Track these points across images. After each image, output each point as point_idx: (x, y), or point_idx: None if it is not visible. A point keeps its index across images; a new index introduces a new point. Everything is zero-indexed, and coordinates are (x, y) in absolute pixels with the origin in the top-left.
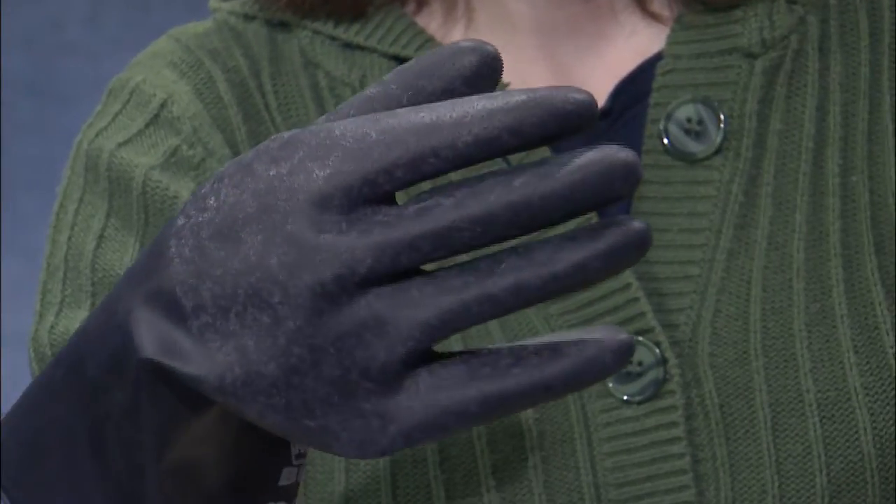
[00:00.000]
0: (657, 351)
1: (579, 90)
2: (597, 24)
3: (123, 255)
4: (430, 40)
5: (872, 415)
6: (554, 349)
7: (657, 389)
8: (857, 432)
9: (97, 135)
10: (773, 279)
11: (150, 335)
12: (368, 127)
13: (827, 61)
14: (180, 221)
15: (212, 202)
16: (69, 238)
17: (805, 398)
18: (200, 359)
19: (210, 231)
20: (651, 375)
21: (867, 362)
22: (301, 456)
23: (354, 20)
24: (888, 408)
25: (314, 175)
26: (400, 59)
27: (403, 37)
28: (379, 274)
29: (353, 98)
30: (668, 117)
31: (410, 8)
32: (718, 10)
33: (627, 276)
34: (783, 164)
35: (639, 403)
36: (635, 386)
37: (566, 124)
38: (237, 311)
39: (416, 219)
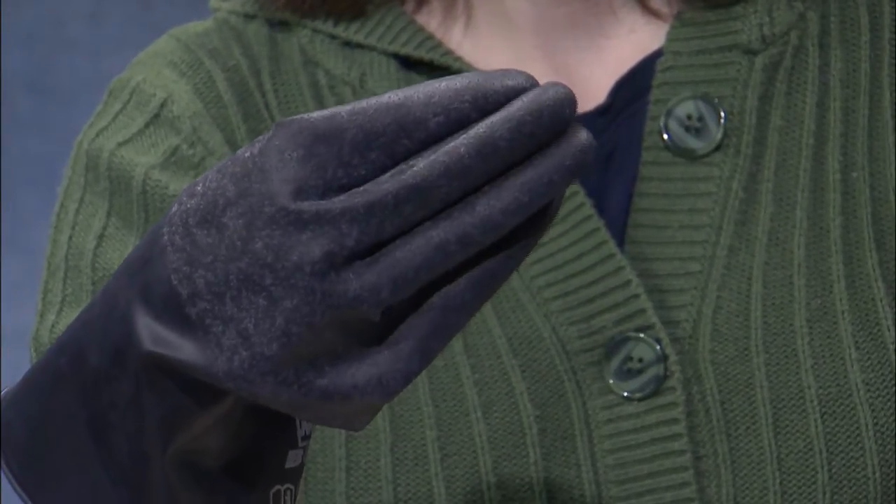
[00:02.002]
0: (658, 348)
1: (519, 72)
2: (596, 21)
3: (124, 253)
4: (429, 38)
5: (874, 411)
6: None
7: (658, 386)
8: (858, 428)
9: (98, 134)
10: (774, 275)
11: (150, 327)
12: (340, 111)
13: (827, 57)
14: (173, 209)
15: (199, 188)
16: (70, 238)
17: (806, 394)
18: (204, 346)
19: (196, 218)
20: (652, 372)
21: (868, 358)
22: (306, 438)
23: (354, 19)
24: (889, 404)
25: (286, 156)
26: (400, 57)
27: (403, 35)
28: (366, 245)
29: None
30: (669, 114)
31: (410, 6)
32: (718, 7)
33: (628, 272)
34: (783, 161)
35: (639, 400)
36: (636, 383)
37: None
38: (232, 296)
39: (392, 181)
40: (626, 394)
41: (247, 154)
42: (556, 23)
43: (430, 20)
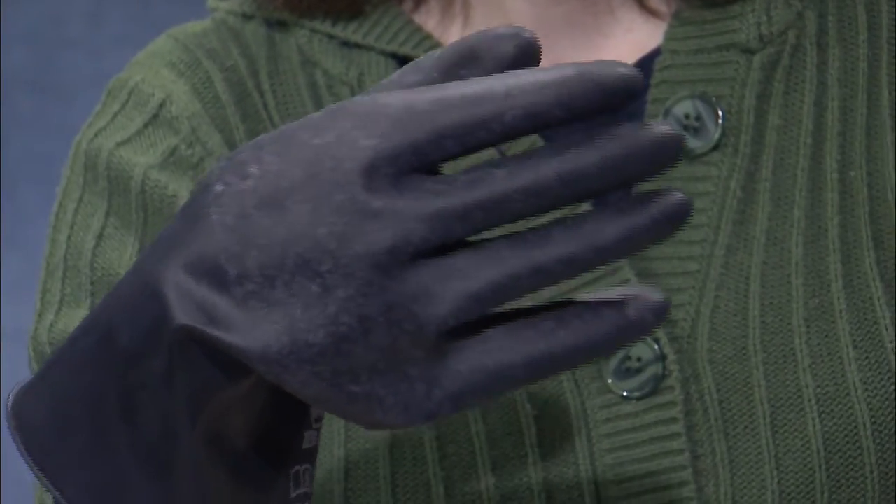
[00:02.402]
0: (656, 347)
1: (625, 65)
2: (594, 20)
3: (122, 253)
4: (427, 38)
5: (872, 410)
6: (595, 311)
7: (656, 385)
8: (856, 427)
9: (96, 134)
10: (772, 275)
11: (190, 302)
12: (416, 97)
13: (825, 56)
14: (218, 188)
15: (254, 170)
16: (69, 237)
17: (804, 394)
18: (243, 327)
19: (255, 199)
20: (650, 371)
21: (866, 357)
22: (319, 420)
23: (352, 18)
24: (887, 403)
25: (360, 144)
26: (398, 57)
27: (401, 34)
28: (432, 245)
29: (392, 80)
30: (667, 113)
31: (408, 6)
32: (716, 6)
33: (626, 272)
34: (781, 160)
35: (638, 399)
36: (634, 382)
37: (613, 99)
38: (284, 280)
39: (468, 188)
40: (624, 393)
41: (315, 140)
42: (554, 22)
43: (428, 20)
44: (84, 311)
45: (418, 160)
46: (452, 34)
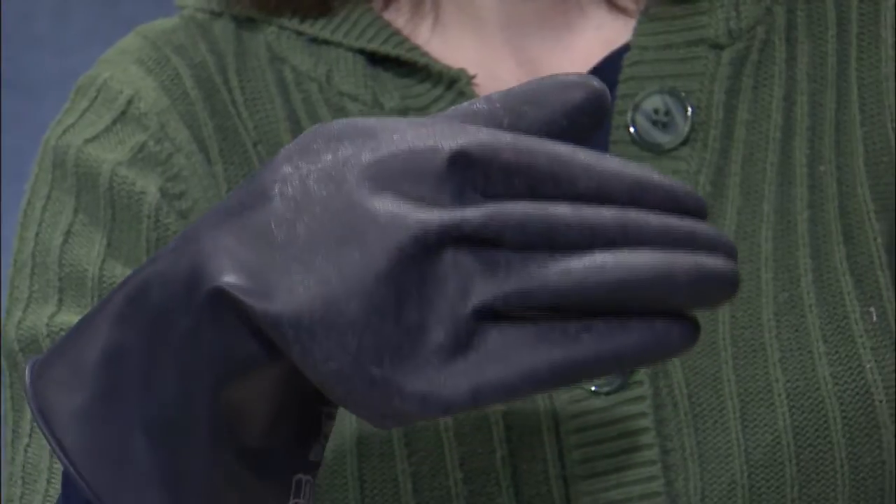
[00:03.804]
0: None
1: (697, 196)
2: (564, 16)
3: (90, 250)
4: (396, 35)
5: (842, 404)
6: (622, 320)
7: (625, 380)
8: (826, 422)
9: (64, 132)
10: (742, 269)
11: (230, 263)
12: (504, 141)
13: (794, 51)
14: (287, 169)
15: (328, 157)
16: (37, 234)
17: (774, 388)
18: (278, 292)
19: (318, 175)
20: None
21: (836, 352)
22: (327, 437)
23: (320, 16)
24: (857, 397)
25: (441, 145)
26: (366, 54)
27: (370, 31)
28: (482, 236)
29: (459, 107)
30: (636, 108)
31: (377, 4)
32: (684, 2)
33: None
34: (751, 155)
35: (607, 394)
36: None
37: (677, 209)
38: (329, 247)
39: (533, 205)
40: (593, 388)
41: (395, 136)
42: (524, 19)
43: (398, 17)
44: (52, 307)
45: (482, 189)
46: (422, 31)
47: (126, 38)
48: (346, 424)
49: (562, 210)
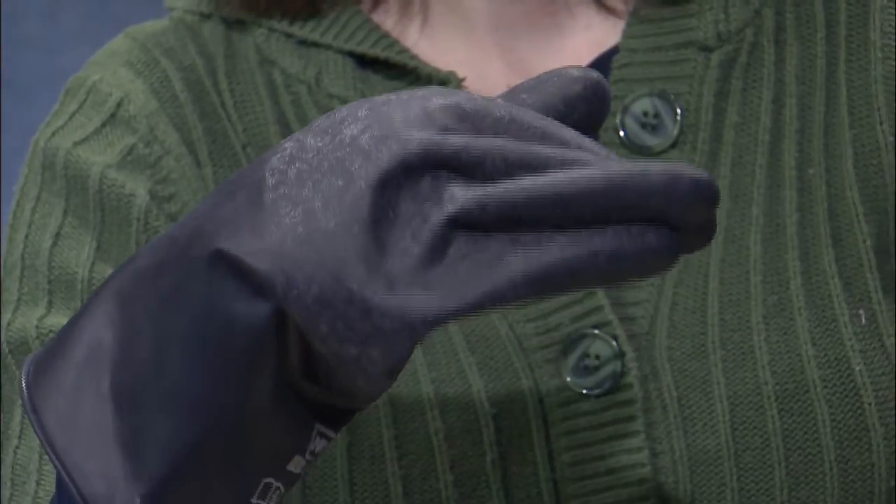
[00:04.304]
0: (615, 344)
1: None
2: (553, 18)
3: (80, 252)
4: (385, 37)
5: (831, 407)
6: (600, 227)
7: (615, 383)
8: (815, 425)
9: (54, 134)
10: (731, 272)
11: (221, 215)
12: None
13: (783, 54)
14: (285, 143)
15: (325, 121)
16: (26, 236)
17: (763, 391)
18: (268, 227)
19: (315, 133)
20: (609, 369)
21: (825, 354)
22: (313, 454)
23: (309, 18)
24: (846, 400)
25: (430, 103)
26: (355, 56)
27: (359, 33)
28: (463, 162)
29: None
30: (625, 111)
31: (366, 5)
32: (673, 4)
33: None
34: (740, 157)
35: (597, 397)
36: (593, 379)
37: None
38: (315, 180)
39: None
40: (583, 391)
41: (389, 98)
42: (513, 21)
43: (387, 19)
44: (41, 309)
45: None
46: (411, 33)
47: (115, 40)
48: None
49: (542, 147)
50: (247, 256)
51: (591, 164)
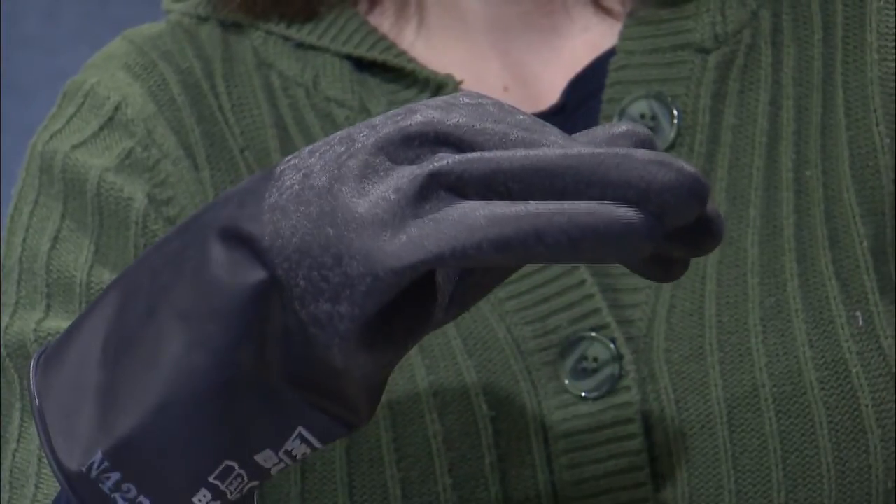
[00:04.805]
0: (613, 347)
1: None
2: (549, 19)
3: (78, 256)
4: (381, 39)
5: (828, 409)
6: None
7: (613, 386)
8: (812, 427)
9: (52, 137)
10: (728, 274)
11: (237, 188)
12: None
13: (780, 55)
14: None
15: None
16: (24, 240)
17: (760, 393)
18: (270, 193)
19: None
20: (607, 372)
21: (822, 356)
22: (289, 455)
23: (306, 20)
24: (843, 401)
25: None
26: (353, 59)
27: (356, 36)
28: (458, 137)
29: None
30: (622, 113)
31: (362, 7)
32: (670, 6)
33: (583, 272)
34: (737, 159)
35: (594, 400)
36: (591, 382)
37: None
38: (322, 151)
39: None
40: (582, 394)
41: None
42: (509, 22)
43: (383, 21)
44: (39, 313)
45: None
46: (407, 35)
47: (113, 43)
48: None
49: (542, 135)
50: (245, 220)
51: (584, 145)
